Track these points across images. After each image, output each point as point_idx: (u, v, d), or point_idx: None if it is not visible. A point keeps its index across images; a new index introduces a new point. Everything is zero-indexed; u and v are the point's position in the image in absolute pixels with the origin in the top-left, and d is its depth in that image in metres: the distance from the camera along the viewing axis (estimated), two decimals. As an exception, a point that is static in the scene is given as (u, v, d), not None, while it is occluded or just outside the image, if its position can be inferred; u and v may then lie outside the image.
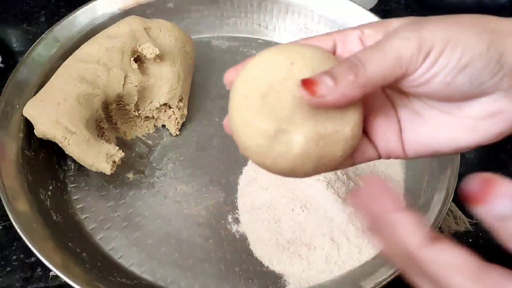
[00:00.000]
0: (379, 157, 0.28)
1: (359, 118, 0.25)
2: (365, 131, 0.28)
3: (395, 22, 0.26)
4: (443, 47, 0.23)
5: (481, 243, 0.47)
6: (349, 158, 0.27)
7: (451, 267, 0.18)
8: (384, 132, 0.27)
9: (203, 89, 0.55)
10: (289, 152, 0.24)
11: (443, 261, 0.18)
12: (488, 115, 0.25)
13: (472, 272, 0.18)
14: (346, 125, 0.25)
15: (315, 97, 0.23)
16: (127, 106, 0.48)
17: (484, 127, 0.25)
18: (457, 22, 0.24)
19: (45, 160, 0.46)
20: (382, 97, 0.28)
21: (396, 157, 0.28)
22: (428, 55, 0.23)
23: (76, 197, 0.46)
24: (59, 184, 0.46)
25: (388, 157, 0.28)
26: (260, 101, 0.24)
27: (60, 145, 0.42)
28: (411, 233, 0.19)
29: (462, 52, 0.23)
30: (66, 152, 0.43)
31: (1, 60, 0.57)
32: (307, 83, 0.23)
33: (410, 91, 0.26)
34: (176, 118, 0.50)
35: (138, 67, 0.47)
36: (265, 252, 0.43)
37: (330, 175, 0.45)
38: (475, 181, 0.19)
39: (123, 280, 0.40)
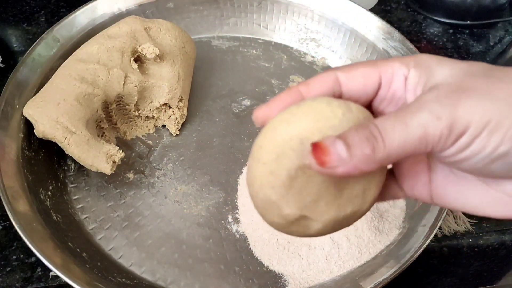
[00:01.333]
0: (405, 197, 0.27)
1: (378, 190, 0.24)
2: (393, 173, 0.26)
3: (441, 72, 0.22)
4: (479, 131, 0.20)
5: (481, 243, 0.47)
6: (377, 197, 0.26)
7: None
8: (412, 179, 0.25)
9: (203, 89, 0.55)
10: (305, 232, 0.24)
11: None
12: None
13: None
14: (365, 204, 0.24)
15: (324, 168, 0.21)
16: (127, 106, 0.48)
17: None
18: (508, 95, 0.20)
19: (45, 160, 0.46)
20: None
21: (422, 201, 0.26)
22: (460, 138, 0.21)
23: (76, 197, 0.46)
24: (59, 184, 0.46)
25: (415, 199, 0.27)
26: (288, 183, 0.22)
27: (60, 145, 0.42)
28: None
29: (502, 140, 0.20)
30: (66, 152, 0.43)
31: (1, 60, 0.57)
32: (317, 150, 0.21)
33: (439, 160, 0.24)
34: (176, 118, 0.50)
35: (138, 67, 0.47)
36: (265, 252, 0.43)
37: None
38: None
39: (123, 280, 0.40)
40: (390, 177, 0.26)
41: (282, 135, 0.22)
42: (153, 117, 0.50)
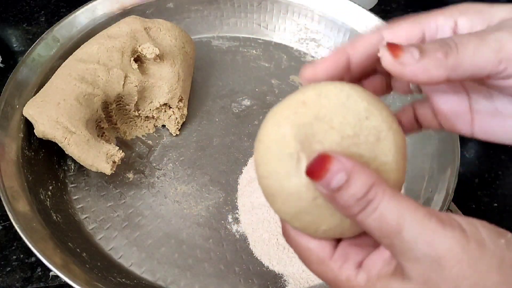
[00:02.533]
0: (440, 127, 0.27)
1: None
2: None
3: (499, 11, 0.22)
4: None
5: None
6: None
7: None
8: (454, 119, 0.26)
9: (203, 89, 0.55)
10: (315, 229, 0.24)
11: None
12: None
13: None
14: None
15: (396, 60, 0.21)
16: (127, 106, 0.48)
17: None
18: None
19: (45, 160, 0.46)
20: None
21: (460, 132, 0.26)
22: None
23: (76, 197, 0.46)
24: (59, 184, 0.46)
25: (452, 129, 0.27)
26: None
27: (60, 145, 0.42)
28: None
29: None
30: (66, 152, 0.43)
31: (1, 60, 0.57)
32: (392, 46, 0.21)
33: (495, 85, 0.23)
34: (176, 118, 0.50)
35: (138, 67, 0.47)
36: (265, 252, 0.43)
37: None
38: (315, 159, 0.20)
39: (123, 280, 0.40)
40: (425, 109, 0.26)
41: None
42: (153, 117, 0.50)
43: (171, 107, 0.50)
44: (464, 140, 0.54)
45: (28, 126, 0.44)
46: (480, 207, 0.50)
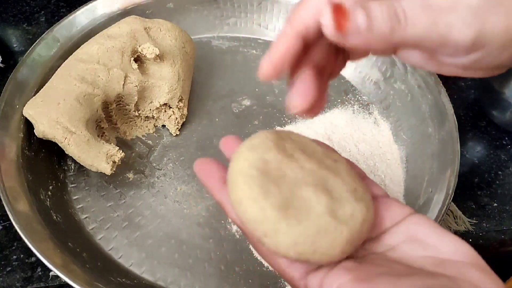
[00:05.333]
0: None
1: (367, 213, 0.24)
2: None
3: None
4: (495, 47, 0.21)
5: (481, 243, 0.47)
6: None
7: None
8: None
9: (203, 89, 0.55)
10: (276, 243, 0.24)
11: None
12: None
13: None
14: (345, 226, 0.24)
15: (338, 31, 0.20)
16: (127, 106, 0.48)
17: None
18: None
19: (45, 160, 0.46)
20: None
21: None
22: (475, 51, 0.21)
23: (76, 197, 0.46)
24: (59, 184, 0.46)
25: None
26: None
27: (60, 145, 0.42)
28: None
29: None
30: (66, 152, 0.43)
31: (1, 60, 0.57)
32: (338, 12, 0.19)
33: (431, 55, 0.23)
34: (176, 118, 0.50)
35: (138, 67, 0.47)
36: (265, 252, 0.43)
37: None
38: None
39: (123, 280, 0.40)
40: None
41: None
42: (153, 117, 0.50)
43: (171, 107, 0.50)
44: (464, 140, 0.54)
45: (28, 126, 0.44)
46: (480, 207, 0.50)
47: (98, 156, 0.43)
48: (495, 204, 0.50)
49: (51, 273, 0.43)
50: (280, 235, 0.22)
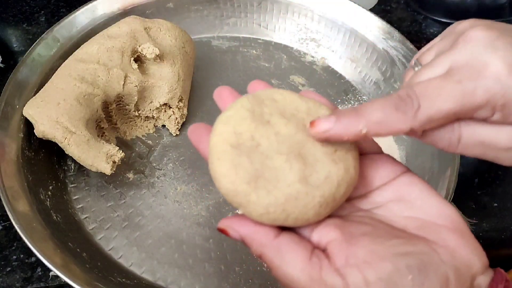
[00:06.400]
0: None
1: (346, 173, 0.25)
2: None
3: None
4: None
5: (481, 243, 0.47)
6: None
7: None
8: (439, 138, 0.25)
9: (203, 89, 0.55)
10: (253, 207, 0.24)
11: None
12: None
13: None
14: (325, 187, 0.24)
15: (315, 129, 0.23)
16: (127, 106, 0.48)
17: None
18: None
19: (45, 160, 0.46)
20: None
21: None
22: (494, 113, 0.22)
23: (76, 197, 0.46)
24: (59, 184, 0.46)
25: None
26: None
27: (60, 145, 0.42)
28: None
29: None
30: (66, 152, 0.43)
31: (1, 60, 0.57)
32: (311, 123, 0.24)
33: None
34: (176, 118, 0.50)
35: (138, 67, 0.47)
36: (265, 252, 0.43)
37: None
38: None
39: (123, 280, 0.40)
40: None
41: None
42: (153, 117, 0.50)
43: (171, 107, 0.50)
44: (464, 140, 0.54)
45: (28, 126, 0.44)
46: (480, 207, 0.50)
47: (98, 156, 0.43)
48: (495, 204, 0.50)
49: (51, 273, 0.43)
50: (251, 205, 0.23)
